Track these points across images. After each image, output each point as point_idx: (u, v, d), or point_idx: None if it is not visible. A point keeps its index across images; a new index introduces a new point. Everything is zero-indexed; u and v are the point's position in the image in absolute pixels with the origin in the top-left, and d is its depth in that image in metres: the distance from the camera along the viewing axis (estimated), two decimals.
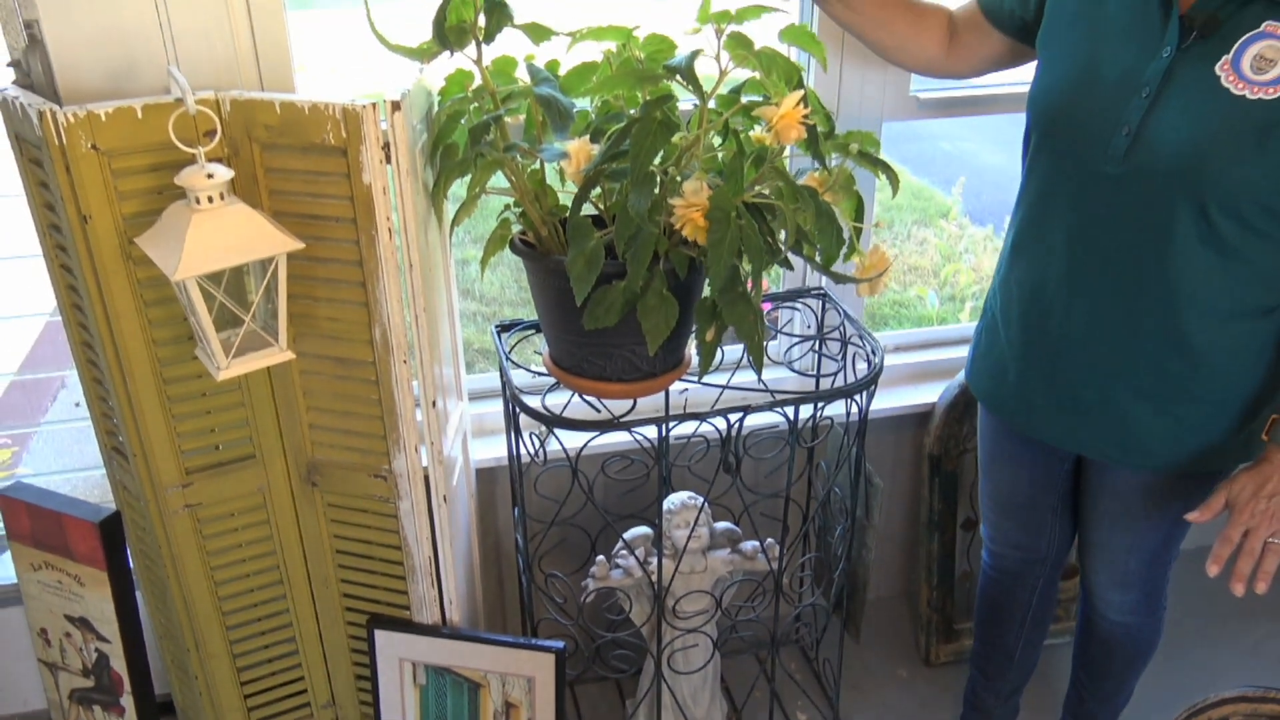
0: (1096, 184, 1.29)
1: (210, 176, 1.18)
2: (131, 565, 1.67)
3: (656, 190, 1.22)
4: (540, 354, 1.50)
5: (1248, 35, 1.16)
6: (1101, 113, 1.26)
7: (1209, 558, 1.29)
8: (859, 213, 1.38)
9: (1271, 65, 1.15)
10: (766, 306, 1.83)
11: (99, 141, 1.23)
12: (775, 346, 1.98)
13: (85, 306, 1.35)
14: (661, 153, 1.23)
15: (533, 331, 1.64)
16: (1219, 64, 1.18)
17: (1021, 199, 1.44)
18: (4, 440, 2.02)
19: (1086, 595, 1.66)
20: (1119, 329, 1.34)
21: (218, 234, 1.18)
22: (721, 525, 1.75)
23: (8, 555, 1.82)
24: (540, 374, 1.53)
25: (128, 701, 1.74)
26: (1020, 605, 1.73)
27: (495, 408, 1.87)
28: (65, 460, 2.55)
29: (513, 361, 1.56)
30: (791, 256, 1.31)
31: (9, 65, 1.36)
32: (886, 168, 1.35)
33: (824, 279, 1.88)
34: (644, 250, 1.21)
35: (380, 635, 1.62)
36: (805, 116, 1.17)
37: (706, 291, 1.34)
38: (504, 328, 1.63)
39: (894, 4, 1.50)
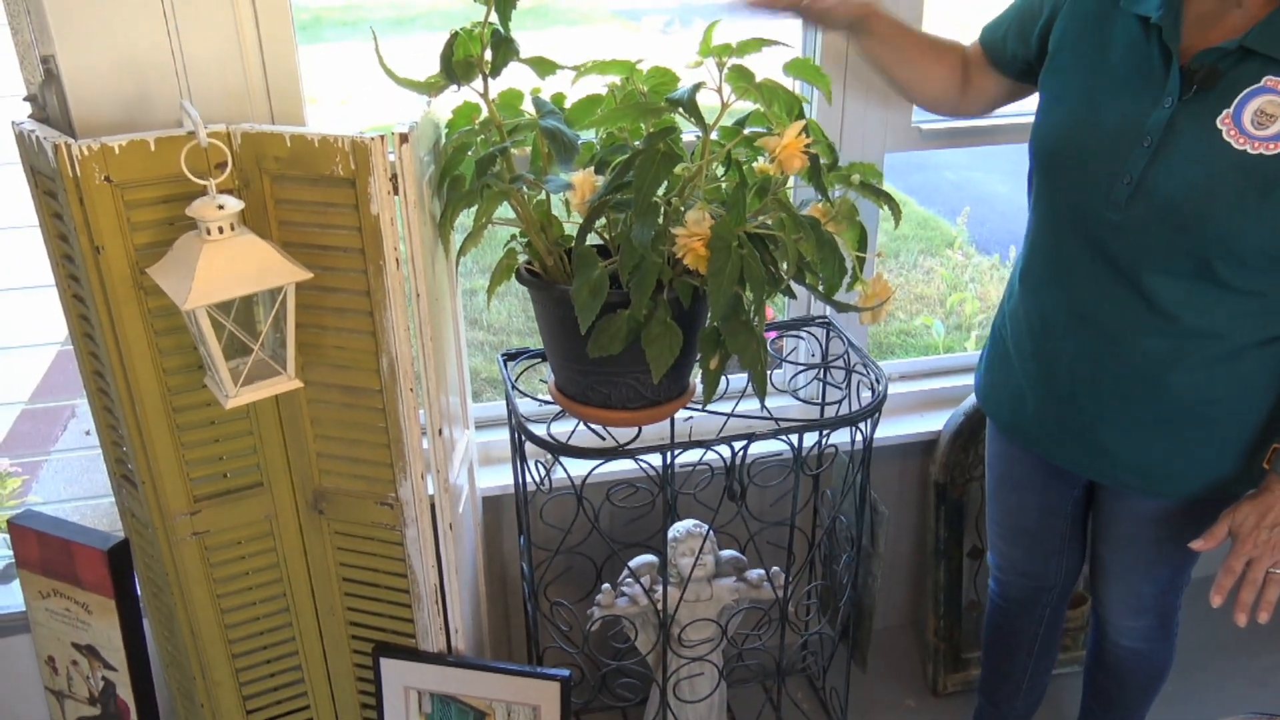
0: (1098, 227, 1.30)
1: (221, 208, 1.20)
2: (139, 593, 1.68)
3: (660, 220, 1.24)
4: (546, 382, 1.51)
5: (1248, 90, 1.16)
6: (1103, 160, 1.27)
7: (1212, 588, 1.30)
8: (862, 242, 1.39)
9: (1272, 120, 1.15)
10: (771, 335, 1.85)
11: (112, 174, 1.25)
12: (780, 375, 1.99)
13: (97, 336, 1.37)
14: (665, 183, 1.24)
15: (539, 360, 1.65)
16: (1220, 117, 1.18)
17: (1029, 232, 1.45)
18: (14, 469, 2.03)
19: (1098, 622, 1.65)
20: (1126, 365, 1.35)
21: (228, 264, 1.19)
22: (727, 553, 1.75)
23: (16, 583, 1.83)
24: (546, 402, 1.54)
25: None
26: (1028, 634, 1.73)
27: (502, 436, 1.88)
28: (75, 490, 2.57)
29: (519, 390, 1.57)
30: (794, 286, 1.32)
31: (25, 99, 1.39)
32: (888, 198, 1.36)
33: (828, 307, 1.89)
34: (647, 279, 1.22)
35: (386, 664, 1.62)
36: (808, 146, 1.19)
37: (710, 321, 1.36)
38: (510, 356, 1.65)
39: (916, 39, 1.52)
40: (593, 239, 1.31)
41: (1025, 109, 1.53)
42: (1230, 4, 1.19)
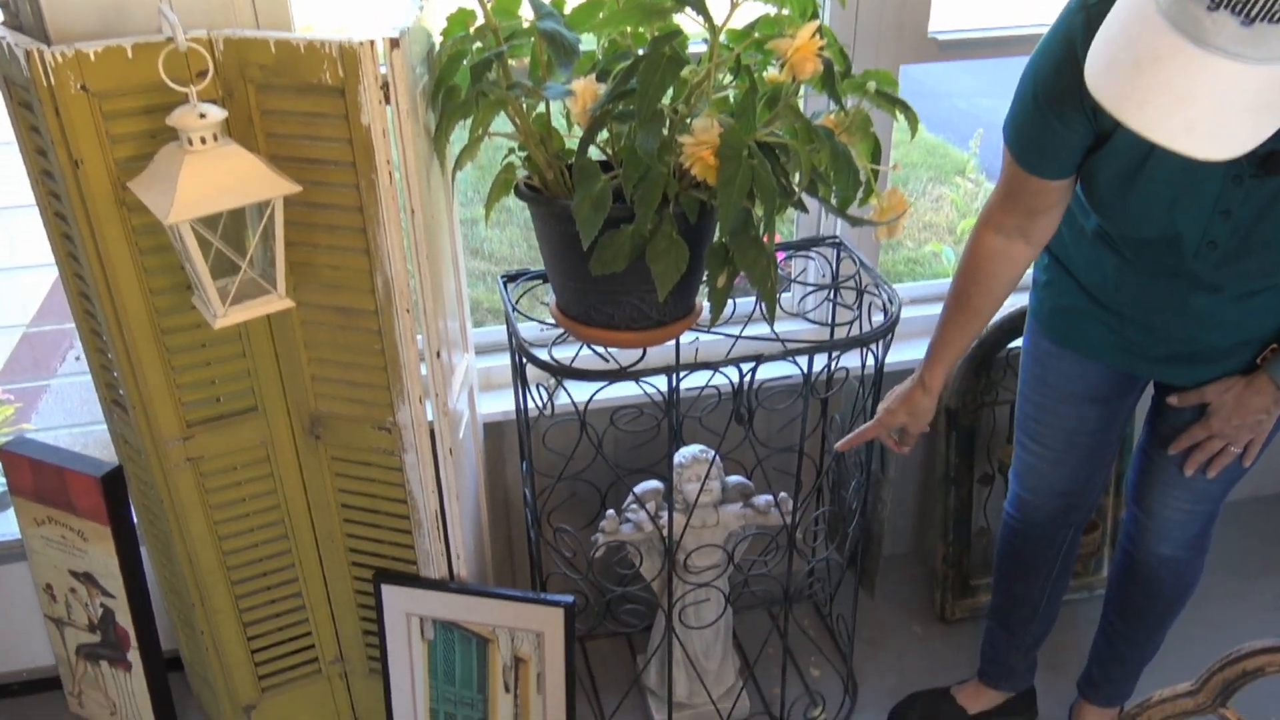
0: (1182, 273, 1.29)
1: (203, 116, 1.14)
2: (135, 520, 1.65)
3: (665, 129, 1.18)
4: (547, 305, 1.46)
5: None
6: (1185, 231, 1.23)
7: (1175, 441, 1.42)
8: (875, 155, 1.33)
9: None
10: (780, 256, 1.79)
11: (89, 82, 1.19)
12: (789, 298, 1.93)
13: (80, 255, 1.32)
14: (670, 90, 1.18)
15: (540, 282, 1.60)
16: None
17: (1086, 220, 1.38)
18: (7, 396, 2.00)
19: (1138, 532, 1.60)
20: (1230, 313, 1.32)
21: (211, 177, 1.14)
22: (733, 479, 1.72)
23: (11, 511, 1.81)
24: (547, 325, 1.49)
25: (134, 657, 1.72)
26: (1047, 557, 1.69)
27: (503, 362, 1.83)
28: (74, 420, 2.54)
29: (519, 311, 1.52)
30: (806, 199, 1.26)
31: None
32: (905, 107, 1.29)
33: (839, 227, 1.83)
34: (652, 191, 1.17)
35: (387, 590, 1.59)
36: (821, 49, 1.12)
37: (718, 237, 1.30)
38: (510, 278, 1.60)
39: (964, 324, 1.44)
40: (595, 155, 1.25)
41: (1047, 19, 1.43)
42: None
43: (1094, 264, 1.40)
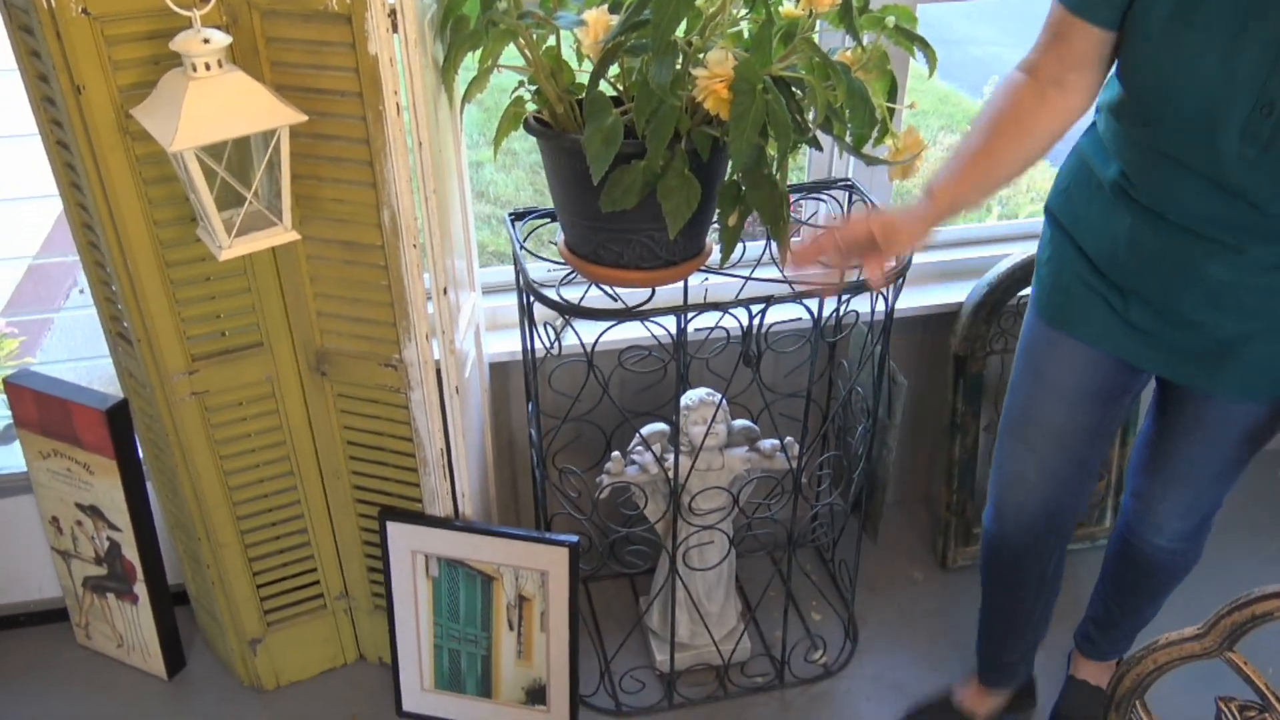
0: (1225, 163, 1.11)
1: (207, 42, 1.11)
2: (141, 454, 1.65)
3: (679, 62, 1.16)
4: (555, 244, 1.45)
5: None
6: (1236, 91, 1.06)
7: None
8: (892, 93, 1.31)
9: None
10: (791, 199, 1.76)
11: (90, 5, 1.16)
12: (799, 242, 1.91)
13: (83, 185, 1.30)
14: (685, 22, 1.15)
15: (548, 220, 1.58)
16: None
17: (1113, 123, 1.24)
18: (11, 329, 1.99)
19: (1137, 522, 1.53)
20: (1253, 286, 1.19)
21: (216, 104, 1.12)
22: (739, 423, 1.71)
23: (17, 444, 1.81)
24: (555, 263, 1.48)
25: (141, 590, 1.73)
26: (1034, 573, 1.57)
27: (509, 302, 1.82)
28: (86, 348, 2.53)
29: (526, 250, 1.50)
30: (821, 137, 1.24)
31: None
32: (924, 44, 1.26)
33: (851, 169, 1.81)
34: (664, 126, 1.15)
35: (392, 527, 1.60)
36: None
37: (730, 175, 1.28)
38: (518, 215, 1.58)
39: (987, 148, 1.23)
40: (606, 90, 1.22)
41: None
42: None
43: (1105, 227, 1.28)
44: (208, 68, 1.12)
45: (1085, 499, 1.53)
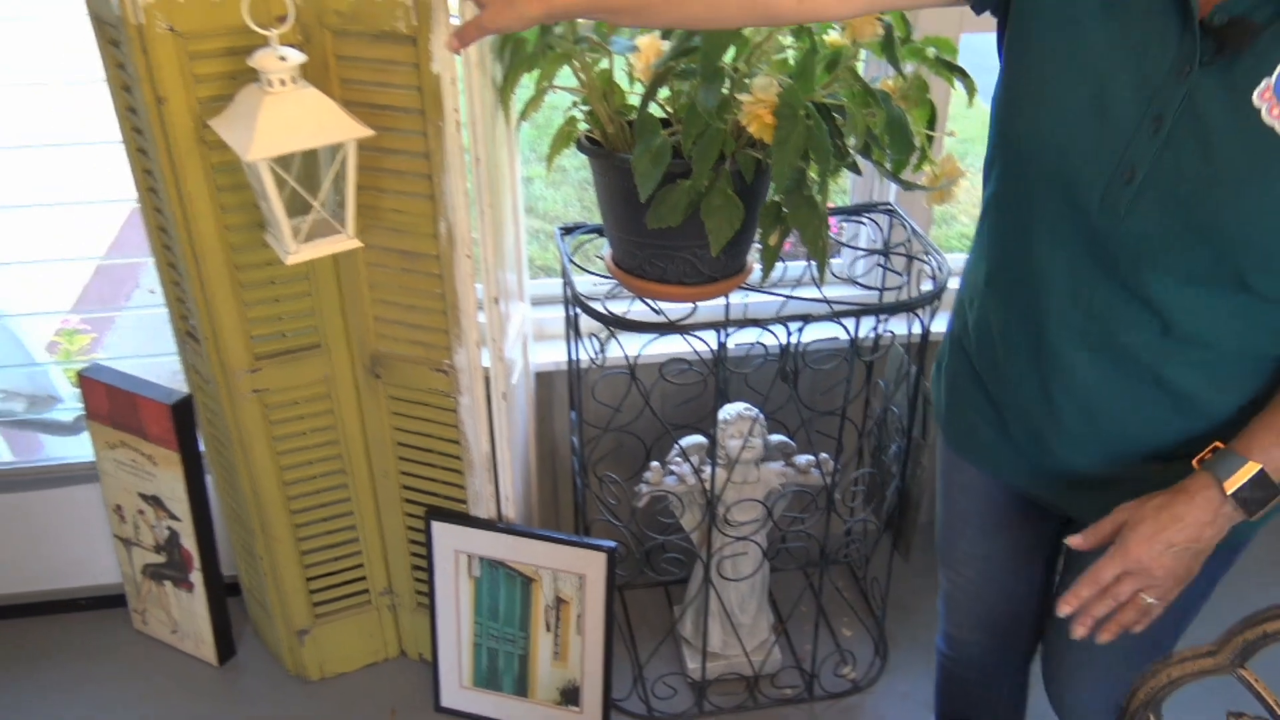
0: (1089, 231, 0.95)
1: (283, 59, 1.19)
2: (202, 448, 1.73)
3: (726, 87, 1.21)
4: (602, 258, 1.50)
5: None
6: (1099, 155, 0.92)
7: (1066, 593, 0.98)
8: (932, 121, 1.35)
9: None
10: (832, 221, 1.81)
11: (175, 23, 1.24)
12: (840, 264, 1.96)
13: (160, 190, 1.38)
14: (732, 49, 1.21)
15: (595, 235, 1.64)
16: (1259, 91, 0.83)
17: (989, 228, 1.09)
18: (84, 326, 2.09)
19: (1051, 698, 1.35)
20: (1125, 391, 1.02)
21: (289, 117, 1.19)
22: (776, 438, 1.75)
23: (85, 435, 1.90)
24: (601, 277, 1.53)
25: (197, 578, 1.81)
26: (990, 703, 1.48)
27: (555, 313, 1.88)
28: (146, 347, 2.63)
29: (575, 263, 1.56)
30: (860, 162, 1.28)
31: None
32: (963, 74, 1.31)
33: (892, 193, 1.85)
34: (710, 148, 1.20)
35: (437, 527, 1.66)
36: (881, 14, 1.14)
37: (772, 196, 1.33)
38: (567, 230, 1.64)
39: None
40: (655, 112, 1.28)
41: None
42: None
43: (984, 318, 1.12)
44: (283, 83, 1.19)
45: (1031, 628, 1.39)
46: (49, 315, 2.16)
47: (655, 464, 1.72)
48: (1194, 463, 0.94)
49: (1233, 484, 0.90)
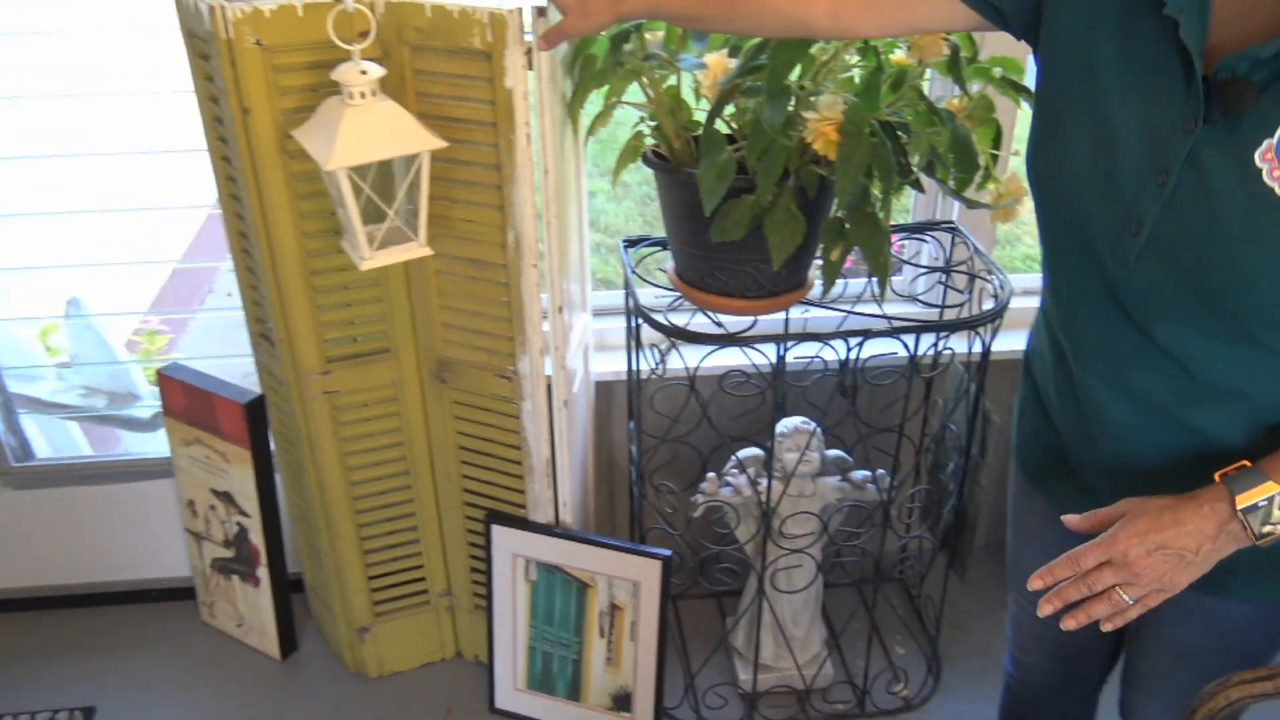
0: (1105, 276, 0.96)
1: (364, 73, 1.23)
2: (272, 447, 1.78)
3: (791, 104, 1.23)
4: (664, 271, 1.53)
5: None
6: (1106, 205, 0.92)
7: (1041, 570, 0.97)
8: (997, 140, 1.36)
9: None
10: (894, 239, 1.82)
11: (263, 37, 1.30)
12: (901, 281, 1.96)
13: (242, 196, 1.44)
14: (799, 67, 1.23)
15: (658, 249, 1.66)
16: (1260, 151, 0.83)
17: (1042, 258, 1.10)
18: (163, 327, 2.17)
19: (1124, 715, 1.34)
20: (1157, 435, 1.01)
21: (368, 128, 1.23)
22: (833, 452, 1.76)
23: (160, 432, 1.97)
24: (662, 289, 1.56)
25: (263, 574, 1.87)
26: None
27: (615, 324, 1.91)
28: (216, 348, 2.73)
29: (638, 275, 1.59)
30: (924, 180, 1.30)
31: None
32: (1029, 94, 1.31)
33: (955, 212, 1.85)
34: (775, 164, 1.22)
35: (497, 530, 1.69)
36: (948, 34, 1.16)
37: (834, 212, 1.35)
38: (631, 242, 1.67)
39: None
40: (719, 129, 1.30)
41: None
42: None
43: (1040, 346, 1.16)
44: (363, 96, 1.24)
45: (1099, 657, 1.37)
46: (129, 315, 2.25)
47: (711, 475, 1.74)
48: (1216, 476, 0.92)
49: (1245, 499, 0.88)
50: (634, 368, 1.71)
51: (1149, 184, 0.88)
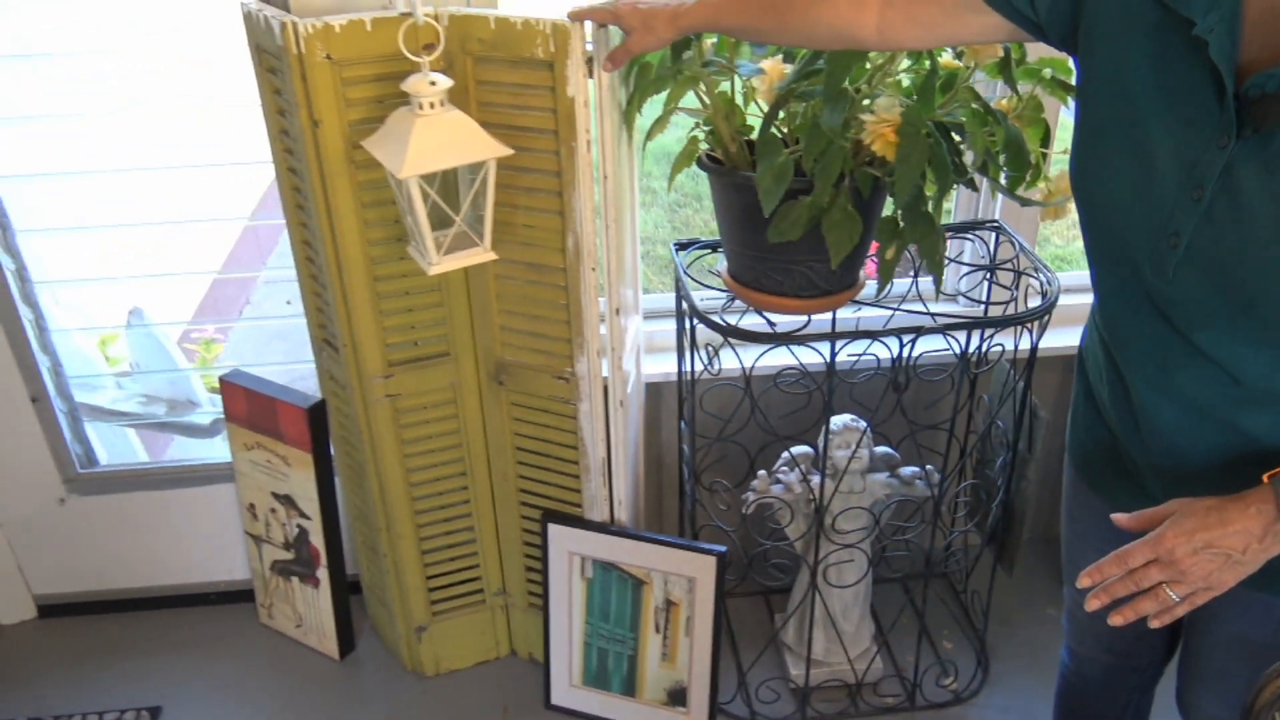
0: (1146, 284, 0.99)
1: (433, 84, 1.28)
2: (332, 450, 1.83)
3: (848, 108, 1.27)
4: (716, 273, 1.56)
5: None
6: (1145, 216, 0.95)
7: (1091, 567, 1.00)
8: (1045, 139, 1.39)
9: None
10: None
11: (333, 51, 1.34)
12: (946, 280, 1.99)
13: (309, 206, 1.48)
14: (853, 71, 1.26)
15: (708, 251, 1.70)
16: None
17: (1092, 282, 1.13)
18: (218, 335, 2.22)
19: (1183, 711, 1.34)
20: (1205, 437, 1.03)
21: (438, 137, 1.28)
22: (881, 449, 1.79)
23: (218, 438, 2.02)
24: (714, 290, 1.59)
25: (323, 574, 1.91)
26: (1110, 718, 1.49)
27: (663, 327, 1.95)
28: (254, 357, 2.79)
29: (690, 276, 1.62)
30: (976, 179, 1.33)
31: None
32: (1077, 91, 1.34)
33: (998, 210, 1.88)
34: (833, 165, 1.25)
35: (553, 529, 1.73)
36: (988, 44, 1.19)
37: (888, 212, 1.38)
38: (682, 245, 1.70)
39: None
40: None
41: None
42: None
43: (1093, 345, 1.19)
44: (432, 106, 1.28)
45: (1155, 650, 1.40)
46: (183, 324, 2.30)
47: (762, 473, 1.77)
48: (1265, 477, 0.93)
49: None
50: (686, 368, 1.75)
51: (1185, 198, 0.91)
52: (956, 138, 1.28)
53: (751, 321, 1.62)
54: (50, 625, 2.09)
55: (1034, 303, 1.57)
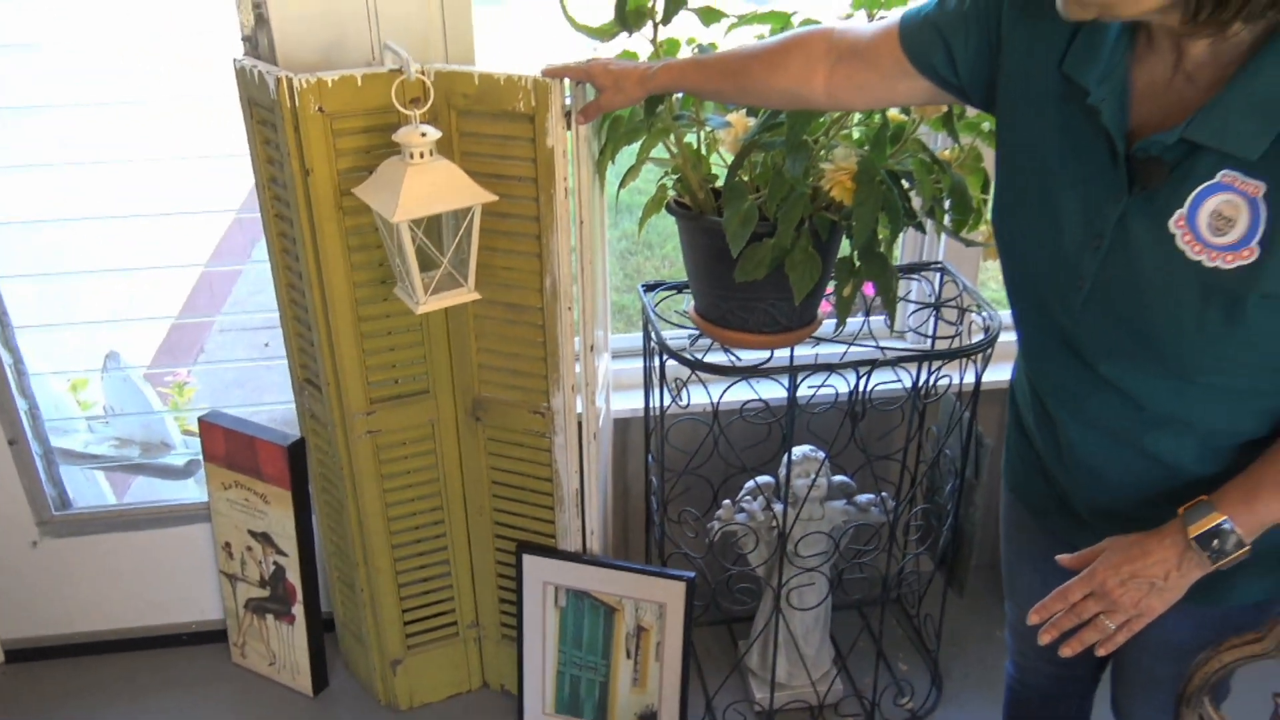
0: (1057, 326, 1.11)
1: (424, 135, 1.36)
2: (310, 488, 1.88)
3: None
4: (682, 312, 1.66)
5: (1203, 187, 0.94)
6: (1054, 260, 1.07)
7: (1037, 606, 1.10)
8: (984, 187, 1.51)
9: (1230, 225, 0.93)
10: None
11: (325, 104, 1.43)
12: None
13: (298, 250, 1.56)
14: (811, 124, 1.38)
15: (674, 292, 1.80)
16: (1174, 219, 0.96)
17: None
18: (190, 379, 2.26)
19: (1118, 716, 1.44)
20: (1118, 459, 1.14)
21: (428, 184, 1.36)
22: (838, 478, 1.89)
23: (193, 479, 2.05)
24: (679, 328, 1.69)
25: (299, 611, 1.95)
26: None
27: (630, 365, 2.04)
28: (217, 398, 2.82)
29: (659, 315, 1.72)
30: (924, 221, 1.45)
31: (243, 40, 1.57)
32: None
33: (941, 253, 2.01)
34: (795, 210, 1.37)
35: (528, 560, 1.80)
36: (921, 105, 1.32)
37: (843, 253, 1.50)
38: (649, 287, 1.80)
39: (728, 65, 1.31)
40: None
41: None
42: (1179, 75, 0.96)
43: (1021, 376, 1.31)
44: (422, 156, 1.37)
45: (1093, 662, 1.47)
46: (163, 369, 2.34)
47: (727, 502, 1.86)
48: (1180, 509, 1.04)
49: (1196, 529, 1.00)
50: (654, 403, 1.83)
51: (1087, 246, 1.02)
52: (906, 185, 1.40)
53: (717, 358, 1.72)
54: (18, 670, 2.09)
55: (978, 337, 1.69)
